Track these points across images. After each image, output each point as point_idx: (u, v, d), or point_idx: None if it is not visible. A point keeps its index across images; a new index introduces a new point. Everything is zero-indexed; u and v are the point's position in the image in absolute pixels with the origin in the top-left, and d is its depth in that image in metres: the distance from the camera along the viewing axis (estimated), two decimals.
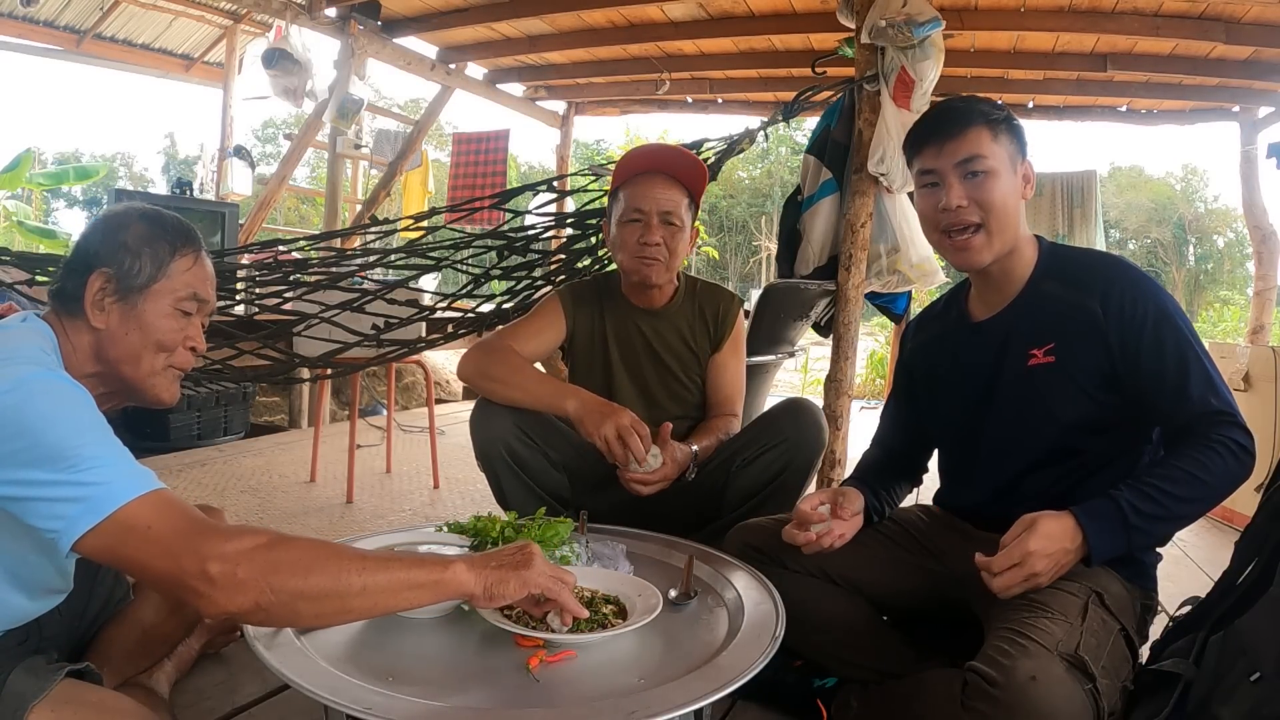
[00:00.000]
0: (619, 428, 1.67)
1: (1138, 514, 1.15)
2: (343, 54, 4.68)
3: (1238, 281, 22.34)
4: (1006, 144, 1.35)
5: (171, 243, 1.18)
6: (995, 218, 1.33)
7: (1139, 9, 3.86)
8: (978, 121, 1.34)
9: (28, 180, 7.25)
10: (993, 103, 1.39)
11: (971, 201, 1.33)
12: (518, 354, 1.87)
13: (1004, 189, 1.33)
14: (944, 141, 1.35)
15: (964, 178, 1.34)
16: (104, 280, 1.13)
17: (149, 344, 1.16)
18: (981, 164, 1.33)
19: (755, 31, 4.58)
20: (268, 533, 0.97)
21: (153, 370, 1.18)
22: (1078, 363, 1.30)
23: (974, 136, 1.33)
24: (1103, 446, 1.32)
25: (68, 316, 1.15)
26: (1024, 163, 1.38)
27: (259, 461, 3.65)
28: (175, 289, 1.17)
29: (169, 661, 1.46)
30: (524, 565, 1.07)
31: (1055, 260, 1.39)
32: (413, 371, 5.73)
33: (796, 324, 3.27)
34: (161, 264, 1.16)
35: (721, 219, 26.35)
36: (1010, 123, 1.37)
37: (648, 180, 1.86)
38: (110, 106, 64.80)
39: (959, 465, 1.52)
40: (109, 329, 1.14)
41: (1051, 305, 1.34)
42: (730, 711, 1.50)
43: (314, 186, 13.91)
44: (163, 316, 1.16)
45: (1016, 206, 1.35)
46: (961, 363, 1.46)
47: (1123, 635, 1.16)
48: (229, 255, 3.42)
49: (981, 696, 1.04)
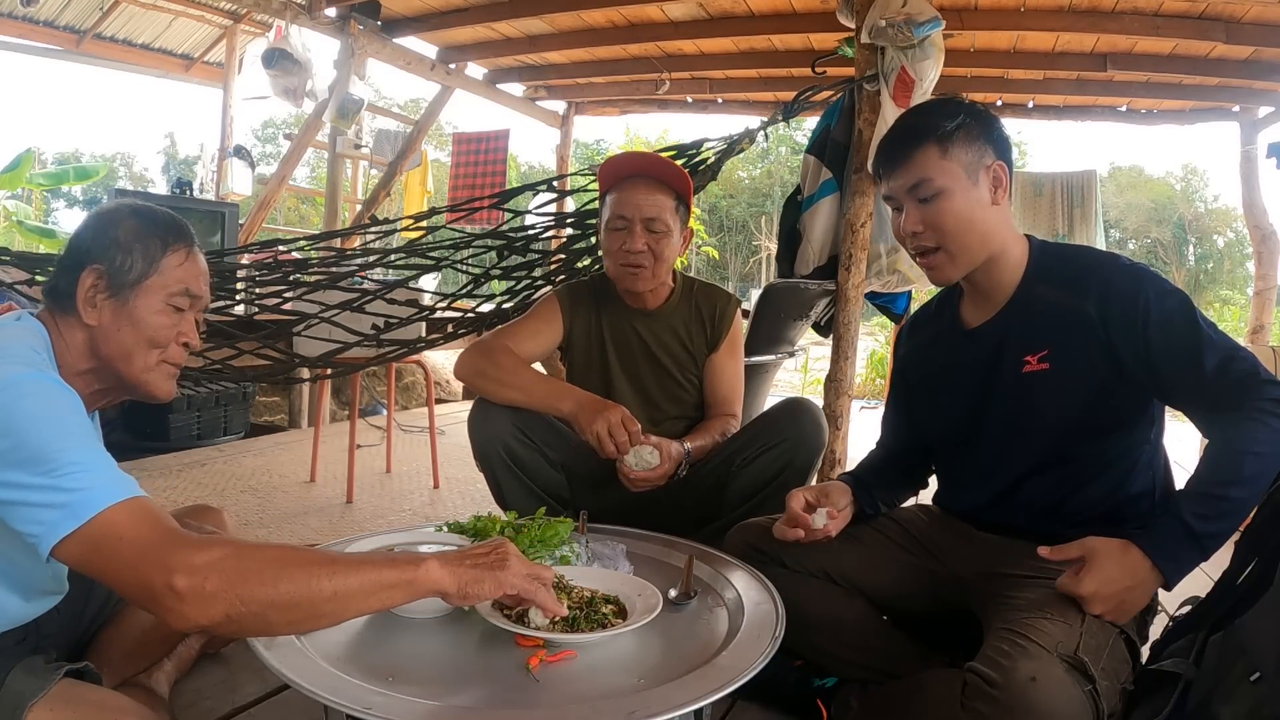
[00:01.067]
0: (610, 424, 1.69)
1: (1203, 519, 1.11)
2: (343, 54, 4.68)
3: (1238, 281, 22.33)
4: (962, 155, 1.29)
5: (163, 238, 1.17)
6: (951, 239, 1.30)
7: (1139, 9, 3.86)
8: (925, 141, 1.30)
9: (28, 180, 7.24)
10: (950, 108, 1.33)
11: (926, 226, 1.31)
12: (514, 354, 1.87)
13: (958, 208, 1.29)
14: (893, 168, 1.33)
15: (918, 203, 1.31)
16: (96, 277, 1.13)
17: (141, 340, 1.15)
18: (929, 188, 1.29)
19: (755, 31, 4.58)
20: (235, 542, 0.94)
21: (146, 366, 1.17)
22: (1074, 369, 1.28)
23: (920, 160, 1.30)
24: (1100, 451, 1.31)
25: (61, 314, 1.14)
26: (991, 166, 1.31)
27: (259, 461, 3.65)
28: (167, 284, 1.17)
29: (169, 661, 1.46)
30: (499, 565, 1.05)
31: (1046, 262, 1.35)
32: (413, 371, 5.73)
33: (796, 324, 3.27)
34: (153, 260, 1.16)
35: (721, 219, 26.34)
36: (967, 128, 1.30)
37: (632, 185, 1.84)
38: (110, 106, 64.88)
39: (957, 470, 1.51)
40: (102, 325, 1.14)
41: (1045, 310, 1.31)
42: (730, 711, 1.50)
43: (314, 186, 13.91)
44: (155, 313, 1.16)
45: (983, 218, 1.31)
46: (955, 370, 1.44)
47: (1123, 637, 1.15)
48: (229, 255, 3.42)
49: (981, 697, 1.04)
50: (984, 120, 1.32)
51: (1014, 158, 1.37)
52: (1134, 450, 1.32)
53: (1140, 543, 1.14)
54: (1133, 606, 1.15)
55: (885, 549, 1.48)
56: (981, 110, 1.34)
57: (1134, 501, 1.32)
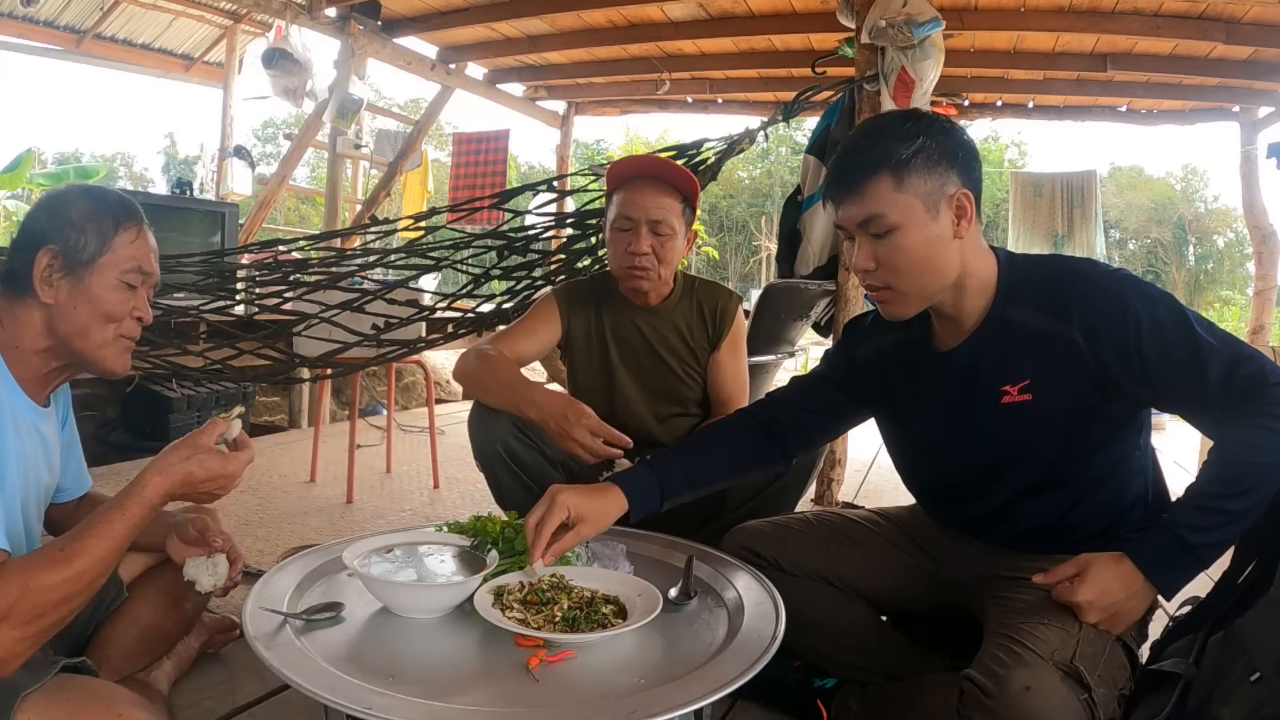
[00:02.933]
0: (588, 429, 1.59)
1: (1198, 531, 1.08)
2: (343, 54, 4.68)
3: (1238, 281, 22.35)
4: (920, 185, 1.17)
5: (115, 217, 1.20)
6: (904, 279, 1.20)
7: (1139, 9, 3.86)
8: (878, 170, 1.17)
9: (28, 180, 7.24)
10: (906, 128, 1.19)
11: (879, 264, 1.21)
12: (500, 358, 1.83)
13: (914, 245, 1.18)
14: (841, 199, 1.22)
15: (870, 237, 1.20)
16: (51, 256, 1.15)
17: (98, 316, 1.19)
18: (882, 224, 1.18)
19: (755, 31, 4.59)
20: (19, 583, 0.98)
21: (104, 341, 1.21)
22: (1058, 399, 1.21)
23: (872, 192, 1.18)
24: (1091, 470, 1.26)
25: (15, 295, 1.17)
26: (954, 196, 1.18)
27: (259, 461, 3.65)
28: (120, 262, 1.20)
29: (168, 660, 1.47)
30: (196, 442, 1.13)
31: (1017, 279, 1.25)
32: (413, 371, 5.73)
33: (796, 324, 3.28)
34: (106, 238, 1.18)
35: (721, 219, 26.36)
36: (926, 153, 1.17)
37: (640, 187, 1.83)
38: (110, 106, 64.83)
39: (939, 490, 1.45)
40: (59, 304, 1.16)
41: (1023, 336, 1.22)
42: (730, 711, 1.50)
43: (314, 186, 13.91)
44: (109, 289, 1.19)
45: (941, 254, 1.19)
46: (927, 395, 1.35)
47: (1120, 643, 1.14)
48: (229, 255, 3.43)
49: (976, 706, 1.03)
50: (946, 139, 1.19)
51: (1014, 157, 1.31)
52: (1125, 460, 1.28)
53: (1133, 555, 1.12)
54: (1128, 617, 1.13)
55: (885, 551, 1.47)
56: (944, 126, 1.21)
57: (1130, 510, 1.29)
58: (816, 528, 1.49)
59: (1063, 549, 1.22)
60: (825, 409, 1.49)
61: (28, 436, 1.16)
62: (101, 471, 3.28)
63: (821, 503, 2.89)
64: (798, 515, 1.60)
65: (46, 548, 1.04)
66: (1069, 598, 1.12)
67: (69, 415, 1.36)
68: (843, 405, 1.49)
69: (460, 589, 1.20)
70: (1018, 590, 1.21)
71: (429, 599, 1.20)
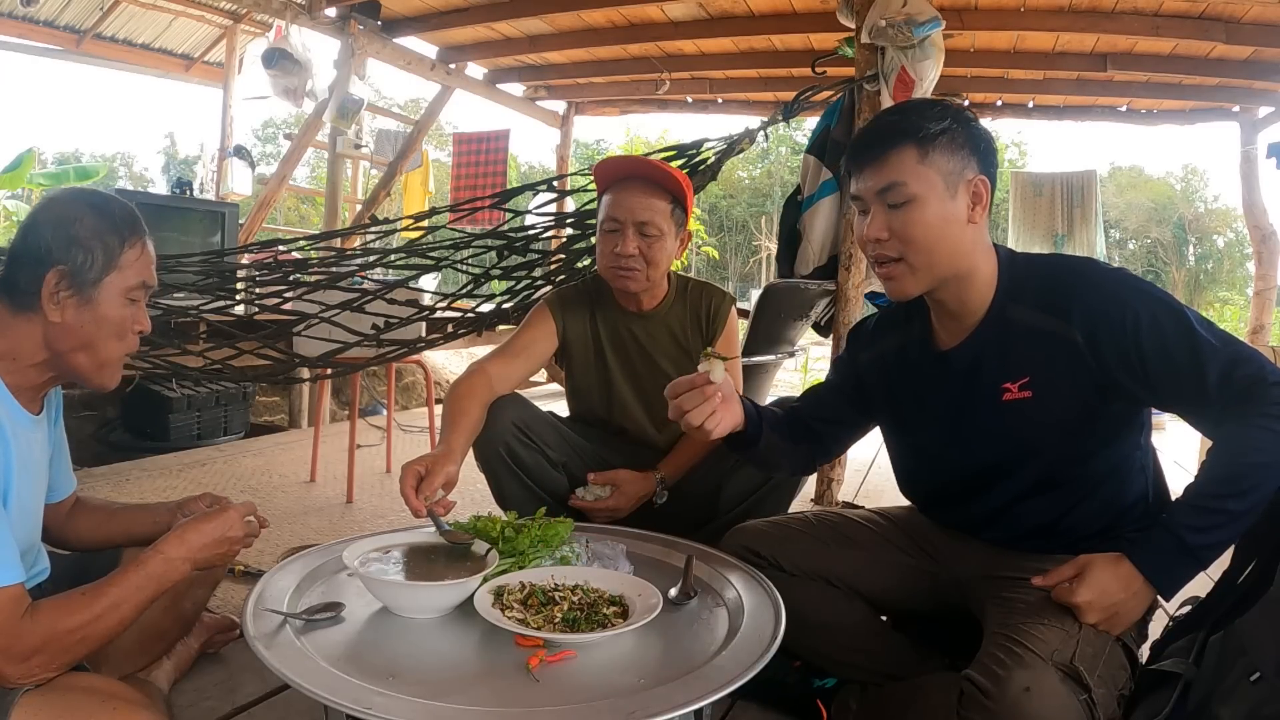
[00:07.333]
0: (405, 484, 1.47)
1: (1197, 531, 1.08)
2: (343, 54, 4.68)
3: (1238, 281, 22.32)
4: (943, 162, 1.19)
5: (121, 234, 1.19)
6: (917, 252, 1.21)
7: (1139, 9, 3.86)
8: (904, 141, 1.19)
9: (28, 180, 7.23)
10: (937, 110, 1.21)
11: (892, 234, 1.21)
12: (475, 382, 1.76)
13: (930, 219, 1.19)
14: (864, 166, 1.23)
15: (886, 207, 1.21)
16: (59, 277, 1.14)
17: (105, 334, 1.19)
18: (902, 193, 1.19)
19: (755, 31, 4.59)
20: (51, 626, 1.03)
21: (109, 358, 1.21)
22: (1058, 398, 1.21)
23: (896, 161, 1.19)
24: (1091, 470, 1.26)
25: (17, 309, 1.15)
26: (972, 180, 1.20)
27: (259, 461, 3.65)
28: (127, 280, 1.19)
29: (168, 660, 1.47)
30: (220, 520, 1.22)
31: (1018, 277, 1.25)
32: (412, 371, 5.73)
33: (796, 324, 3.28)
34: (113, 256, 1.18)
35: (721, 219, 26.35)
36: (952, 134, 1.19)
37: (626, 188, 1.81)
38: (110, 106, 64.81)
39: (940, 491, 1.45)
40: (65, 322, 1.16)
41: (1023, 334, 1.22)
42: (730, 711, 1.50)
43: (314, 186, 13.91)
44: (116, 307, 1.19)
45: (955, 235, 1.20)
46: (927, 395, 1.35)
47: (1119, 643, 1.14)
48: (229, 255, 3.43)
49: (976, 707, 1.03)
50: (971, 130, 1.21)
51: (1014, 157, 1.31)
52: (1126, 460, 1.28)
53: (1132, 556, 1.12)
54: (1127, 618, 1.13)
55: (884, 551, 1.47)
56: (970, 118, 1.23)
57: (1130, 509, 1.29)
58: (817, 528, 1.49)
59: (1063, 548, 1.22)
60: (838, 418, 1.53)
61: (26, 451, 1.15)
62: (101, 471, 3.29)
63: (821, 503, 2.89)
64: (798, 515, 1.59)
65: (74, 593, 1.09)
66: (1068, 598, 1.12)
67: (59, 416, 1.36)
68: (851, 414, 1.52)
69: (460, 589, 1.20)
70: (1017, 590, 1.21)
71: (429, 599, 1.20)
